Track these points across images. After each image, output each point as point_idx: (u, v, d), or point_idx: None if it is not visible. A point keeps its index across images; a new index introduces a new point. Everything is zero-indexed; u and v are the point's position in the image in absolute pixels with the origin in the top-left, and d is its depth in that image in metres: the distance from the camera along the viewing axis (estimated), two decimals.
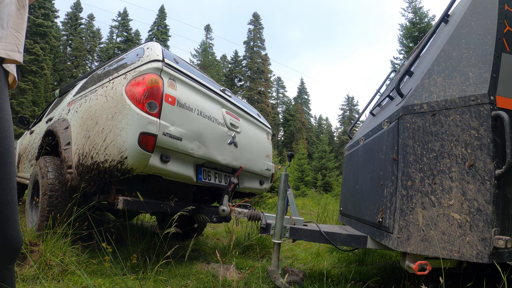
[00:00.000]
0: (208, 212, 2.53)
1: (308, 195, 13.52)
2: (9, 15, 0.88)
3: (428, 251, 1.42)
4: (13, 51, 0.89)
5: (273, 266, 1.98)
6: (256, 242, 2.96)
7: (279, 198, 2.07)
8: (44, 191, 2.26)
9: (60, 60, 30.74)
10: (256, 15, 41.31)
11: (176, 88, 2.16)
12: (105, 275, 1.93)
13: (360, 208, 2.21)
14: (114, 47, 34.27)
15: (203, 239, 3.66)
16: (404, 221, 1.49)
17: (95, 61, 34.01)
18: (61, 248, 1.91)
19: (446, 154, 1.45)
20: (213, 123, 2.44)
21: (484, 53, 1.54)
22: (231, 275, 2.12)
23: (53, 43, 25.02)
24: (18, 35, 0.91)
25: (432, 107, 1.53)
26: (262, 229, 2.15)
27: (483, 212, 1.33)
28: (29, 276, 1.71)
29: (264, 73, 39.60)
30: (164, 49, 2.31)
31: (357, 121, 3.55)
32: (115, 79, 2.27)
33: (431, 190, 1.46)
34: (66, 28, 32.54)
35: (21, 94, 20.81)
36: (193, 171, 2.33)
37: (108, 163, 2.00)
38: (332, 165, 17.59)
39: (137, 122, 1.92)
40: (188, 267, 2.25)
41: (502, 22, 1.58)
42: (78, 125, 2.39)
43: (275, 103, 45.29)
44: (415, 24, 15.80)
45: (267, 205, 7.65)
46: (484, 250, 1.30)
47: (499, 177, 1.33)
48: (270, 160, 3.30)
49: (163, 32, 35.80)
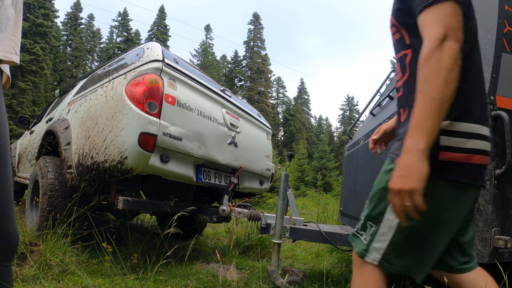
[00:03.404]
0: (208, 212, 2.53)
1: (308, 195, 13.52)
2: (7, 18, 0.90)
3: None
4: (11, 53, 0.92)
5: (273, 266, 1.98)
6: (256, 242, 2.96)
7: (279, 198, 2.07)
8: (44, 191, 2.26)
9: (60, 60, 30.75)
10: (256, 15, 41.32)
11: (176, 88, 2.16)
12: (105, 275, 1.93)
13: (360, 208, 2.21)
14: (114, 47, 34.28)
15: (203, 239, 3.66)
16: None
17: (95, 61, 34.03)
18: (61, 248, 1.91)
19: None
20: (213, 123, 2.44)
21: (484, 53, 1.54)
22: (231, 275, 2.12)
23: (53, 43, 25.03)
24: (14, 38, 0.94)
25: None
26: (262, 229, 2.15)
27: (483, 212, 1.33)
28: (29, 276, 1.71)
29: (264, 73, 39.61)
30: (164, 49, 2.31)
31: (357, 121, 3.55)
32: (115, 79, 2.27)
33: None
34: (66, 28, 32.55)
35: (21, 94, 20.81)
36: (193, 171, 2.33)
37: (108, 163, 2.00)
38: (332, 165, 17.59)
39: (137, 122, 1.92)
40: (188, 267, 2.25)
41: (502, 22, 1.58)
42: (78, 125, 2.39)
43: (275, 103, 45.30)
44: None
45: (267, 205, 7.65)
46: (484, 250, 1.30)
47: (499, 177, 1.33)
48: (270, 160, 3.30)
49: (163, 32, 35.81)
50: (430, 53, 0.79)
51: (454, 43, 0.77)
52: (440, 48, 0.78)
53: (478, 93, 0.89)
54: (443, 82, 0.77)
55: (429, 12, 0.81)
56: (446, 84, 0.77)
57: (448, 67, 0.77)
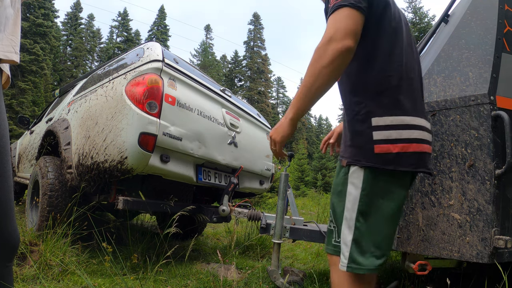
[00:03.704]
0: (208, 212, 2.53)
1: (308, 195, 13.52)
2: (6, 18, 0.90)
3: (428, 251, 1.42)
4: (10, 52, 0.92)
5: (273, 266, 1.98)
6: (256, 242, 2.96)
7: (279, 198, 2.07)
8: (44, 191, 2.26)
9: (60, 60, 30.74)
10: (256, 15, 41.30)
11: (176, 88, 2.16)
12: (105, 275, 1.93)
13: None
14: (114, 47, 34.26)
15: (203, 239, 3.66)
16: (404, 221, 1.49)
17: (95, 61, 34.00)
18: (61, 248, 1.91)
19: (446, 154, 1.45)
20: (213, 123, 2.44)
21: (484, 53, 1.54)
22: (232, 275, 2.12)
23: (53, 43, 25.02)
24: (13, 38, 0.94)
25: (432, 107, 1.53)
26: (262, 229, 2.15)
27: (483, 212, 1.33)
28: (29, 276, 1.71)
29: (264, 73, 39.59)
30: (164, 49, 2.31)
31: None
32: (115, 79, 2.27)
33: (431, 190, 1.46)
34: (66, 28, 32.53)
35: (21, 94, 20.80)
36: (193, 171, 2.33)
37: (108, 163, 2.00)
38: (332, 165, 17.59)
39: (137, 122, 1.92)
40: (188, 267, 2.25)
41: (502, 22, 1.58)
42: (78, 125, 2.39)
43: (275, 103, 45.28)
44: (415, 24, 15.80)
45: (267, 205, 7.65)
46: (484, 250, 1.30)
47: (499, 177, 1.33)
48: (270, 160, 3.30)
49: (163, 32, 35.80)
50: (316, 49, 0.94)
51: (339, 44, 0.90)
52: (323, 47, 0.92)
53: (408, 90, 1.01)
54: (315, 75, 0.93)
55: (330, 18, 0.96)
56: (317, 77, 0.93)
57: (323, 64, 0.91)
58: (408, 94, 1.00)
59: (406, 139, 0.95)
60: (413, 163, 0.96)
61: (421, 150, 0.97)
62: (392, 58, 1.00)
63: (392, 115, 0.96)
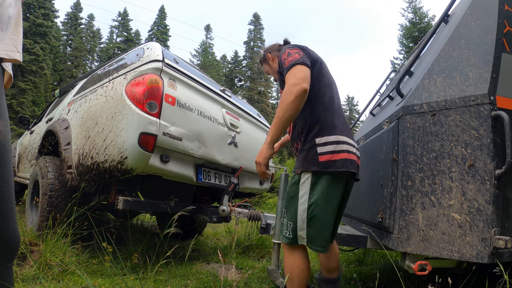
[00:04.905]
0: (208, 212, 2.53)
1: None
2: (9, 18, 0.90)
3: (428, 251, 1.42)
4: (13, 51, 0.92)
5: (273, 266, 1.98)
6: (256, 242, 2.96)
7: (279, 198, 2.07)
8: (44, 191, 2.26)
9: (60, 60, 30.73)
10: (257, 15, 41.29)
11: (176, 88, 2.16)
12: (105, 275, 1.93)
13: (360, 208, 2.21)
14: (114, 47, 34.26)
15: (203, 239, 3.66)
16: (404, 221, 1.49)
17: (95, 61, 33.97)
18: (61, 248, 1.91)
19: (446, 154, 1.45)
20: (213, 123, 2.44)
21: (484, 53, 1.54)
22: (232, 275, 2.12)
23: (53, 43, 25.02)
24: (15, 37, 0.94)
25: (432, 107, 1.53)
26: (262, 229, 2.15)
27: (483, 212, 1.33)
28: (29, 276, 1.71)
29: (264, 73, 39.58)
30: (164, 49, 2.31)
31: (357, 121, 3.55)
32: (115, 79, 2.27)
33: (431, 190, 1.46)
34: (66, 28, 32.51)
35: (21, 94, 20.80)
36: (193, 171, 2.33)
37: (108, 163, 2.00)
38: None
39: (137, 122, 1.92)
40: (188, 267, 2.25)
41: (502, 22, 1.58)
42: (78, 125, 2.39)
43: (275, 103, 45.29)
44: (415, 24, 15.82)
45: (267, 205, 7.65)
46: (484, 250, 1.30)
47: (499, 177, 1.33)
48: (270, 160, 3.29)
49: (163, 32, 35.78)
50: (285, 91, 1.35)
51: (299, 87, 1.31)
52: (289, 90, 1.32)
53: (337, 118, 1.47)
54: (284, 109, 1.33)
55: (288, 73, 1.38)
56: (286, 110, 1.33)
57: (290, 101, 1.32)
58: (340, 120, 1.46)
59: (340, 150, 1.37)
60: (346, 166, 1.37)
61: (350, 158, 1.39)
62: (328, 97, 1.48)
63: (330, 135, 1.39)
